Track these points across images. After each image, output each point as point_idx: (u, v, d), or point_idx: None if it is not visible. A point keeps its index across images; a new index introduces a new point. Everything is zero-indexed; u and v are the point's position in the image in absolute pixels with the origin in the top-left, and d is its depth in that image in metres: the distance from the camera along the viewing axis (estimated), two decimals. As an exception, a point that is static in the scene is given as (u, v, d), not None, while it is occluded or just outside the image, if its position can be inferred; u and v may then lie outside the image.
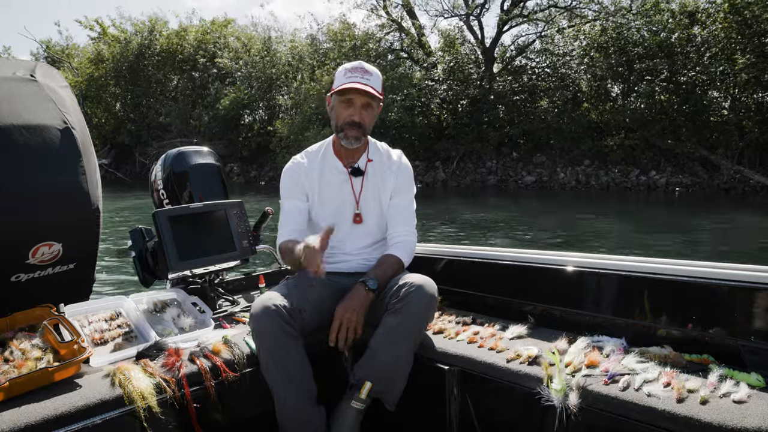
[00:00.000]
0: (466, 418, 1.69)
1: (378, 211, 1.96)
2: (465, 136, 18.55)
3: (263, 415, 1.67)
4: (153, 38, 25.31)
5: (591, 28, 18.15)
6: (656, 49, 16.10)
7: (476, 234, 9.79)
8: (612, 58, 17.04)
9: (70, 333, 1.54)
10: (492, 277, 2.05)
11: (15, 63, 1.92)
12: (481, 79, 19.22)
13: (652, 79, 16.62)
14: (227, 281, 2.42)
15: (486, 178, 18.40)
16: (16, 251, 1.67)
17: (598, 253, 1.84)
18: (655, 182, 16.28)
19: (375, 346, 1.67)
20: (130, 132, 25.38)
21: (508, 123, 18.63)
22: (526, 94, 19.03)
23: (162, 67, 25.20)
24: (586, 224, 10.71)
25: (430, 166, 19.15)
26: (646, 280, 1.63)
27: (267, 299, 1.64)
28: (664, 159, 16.59)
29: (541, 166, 18.01)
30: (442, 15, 21.27)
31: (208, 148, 2.46)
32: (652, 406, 1.26)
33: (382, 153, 2.01)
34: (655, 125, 16.15)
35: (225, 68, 23.21)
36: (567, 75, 18.23)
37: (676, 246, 8.37)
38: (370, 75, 1.86)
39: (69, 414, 1.30)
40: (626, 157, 16.79)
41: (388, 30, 21.01)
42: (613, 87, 17.80)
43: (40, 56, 31.32)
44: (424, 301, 1.67)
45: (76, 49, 30.41)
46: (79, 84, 26.19)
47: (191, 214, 2.01)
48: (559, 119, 17.69)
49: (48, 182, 1.71)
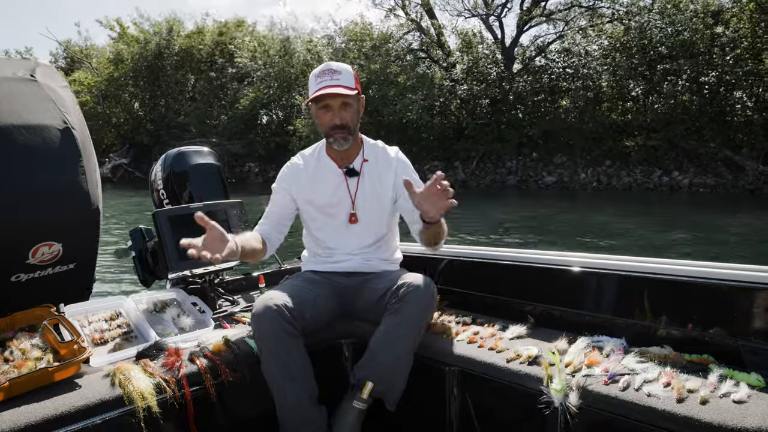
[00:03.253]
0: (466, 418, 1.69)
1: (377, 210, 1.95)
2: (485, 136, 18.36)
3: (263, 415, 1.67)
4: (171, 38, 25.53)
5: (613, 28, 17.88)
6: (679, 49, 15.78)
7: (498, 234, 9.61)
8: (634, 58, 16.73)
9: (70, 333, 1.54)
10: (492, 277, 2.05)
11: (15, 63, 1.92)
12: (500, 79, 19.02)
13: (675, 79, 16.30)
14: (227, 281, 2.42)
15: (506, 178, 18.19)
16: (16, 251, 1.67)
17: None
18: (678, 183, 15.92)
19: (375, 346, 1.67)
20: (148, 132, 25.49)
21: (527, 123, 18.43)
22: (546, 94, 18.80)
23: (180, 68, 25.37)
24: (610, 225, 10.48)
25: (449, 166, 18.92)
26: (646, 280, 1.63)
27: (268, 299, 1.64)
28: (687, 159, 16.20)
29: (562, 166, 17.75)
30: (462, 15, 21.02)
31: (208, 149, 2.47)
32: (652, 406, 1.26)
33: (378, 152, 1.99)
34: (677, 125, 15.78)
35: (244, 68, 23.27)
36: (588, 75, 17.96)
37: (702, 247, 8.15)
38: (340, 73, 1.82)
39: (69, 414, 1.31)
40: (648, 157, 16.45)
41: (407, 30, 20.86)
42: (635, 87, 17.48)
43: (60, 56, 32.20)
44: (423, 302, 1.67)
45: (94, 49, 30.86)
46: (99, 84, 26.54)
47: (191, 214, 2.01)
48: (580, 119, 17.43)
49: (48, 182, 1.71)
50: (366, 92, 18.11)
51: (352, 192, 1.94)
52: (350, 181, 1.94)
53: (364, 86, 18.32)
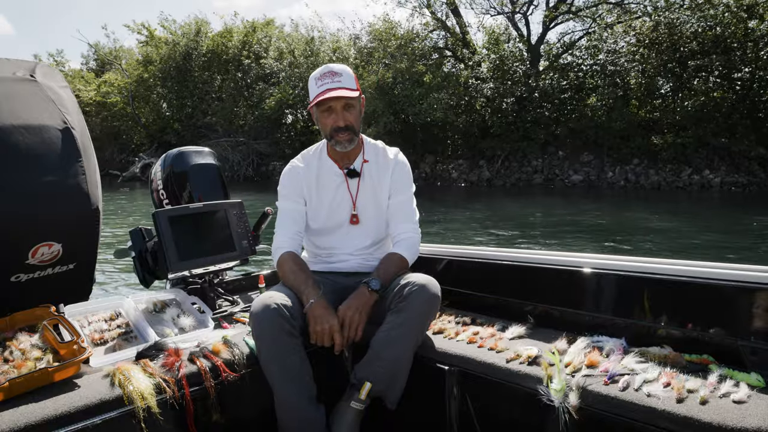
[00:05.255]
0: (466, 418, 1.69)
1: (376, 211, 1.96)
2: (510, 134, 18.19)
3: (263, 415, 1.67)
4: (199, 40, 25.85)
5: (642, 24, 17.46)
6: (711, 45, 15.40)
7: (521, 234, 9.44)
8: (664, 54, 16.33)
9: (70, 333, 1.54)
10: (492, 277, 2.05)
11: (15, 63, 1.92)
12: (526, 77, 18.78)
13: (706, 75, 15.90)
14: (227, 281, 2.42)
15: (532, 176, 18.00)
16: (16, 251, 1.67)
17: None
18: (709, 181, 15.57)
19: (377, 344, 1.67)
20: (176, 131, 25.95)
21: (554, 121, 18.20)
22: (572, 92, 18.50)
23: (207, 68, 25.66)
24: (641, 224, 10.20)
25: (474, 164, 18.85)
26: (646, 280, 1.63)
27: (267, 298, 1.64)
28: (718, 157, 15.80)
29: (589, 165, 17.52)
30: (488, 12, 20.82)
31: (208, 149, 2.47)
32: (652, 406, 1.26)
33: (378, 152, 2.00)
34: (708, 123, 15.39)
35: (269, 68, 23.44)
36: (616, 72, 17.57)
37: (737, 249, 7.91)
38: (341, 75, 1.83)
39: (69, 414, 1.31)
40: (678, 155, 16.09)
41: (432, 28, 20.67)
42: (665, 84, 17.13)
43: (91, 58, 33.40)
44: (427, 300, 1.67)
45: (123, 51, 31.53)
46: (128, 85, 26.99)
47: (191, 215, 2.01)
48: (607, 117, 17.09)
49: (48, 182, 1.71)
50: (391, 92, 16.84)
51: (353, 193, 1.94)
52: (351, 182, 1.94)
53: (389, 86, 18.30)
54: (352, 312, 1.68)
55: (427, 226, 10.38)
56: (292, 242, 1.91)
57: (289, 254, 1.86)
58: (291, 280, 1.78)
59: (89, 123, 23.57)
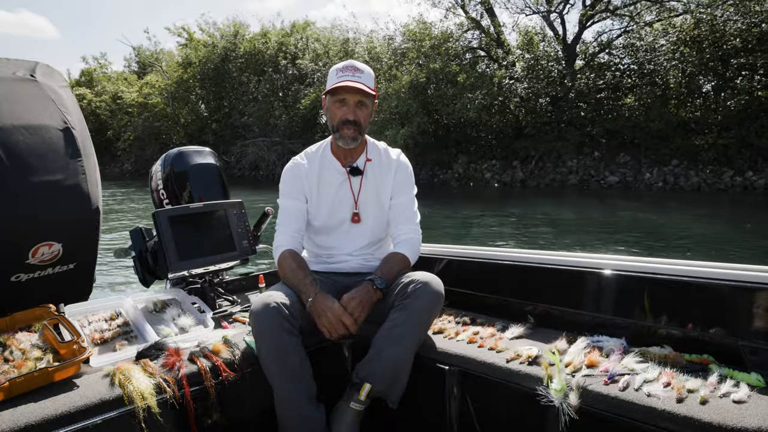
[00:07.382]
0: (466, 418, 1.69)
1: (378, 210, 1.95)
2: (544, 134, 17.77)
3: (263, 415, 1.67)
4: (237, 41, 26.20)
5: (683, 21, 16.99)
6: (756, 42, 14.84)
7: (555, 235, 9.26)
8: (705, 53, 15.78)
9: (70, 333, 1.54)
10: (492, 277, 2.05)
11: (15, 63, 1.92)
12: (561, 77, 18.47)
13: (750, 74, 15.27)
14: (227, 281, 2.42)
15: (566, 177, 17.58)
16: (16, 251, 1.67)
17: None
18: (753, 183, 15.02)
19: (379, 343, 1.66)
20: (214, 132, 26.43)
21: (589, 121, 17.74)
22: (609, 92, 18.04)
23: (245, 69, 25.98)
24: (682, 227, 9.92)
25: (507, 165, 18.54)
26: (646, 280, 1.63)
27: (267, 297, 1.64)
28: (762, 159, 15.26)
29: (625, 166, 17.05)
30: (523, 12, 20.43)
31: (208, 149, 2.46)
32: (652, 406, 1.26)
33: (381, 152, 1.99)
34: (752, 123, 14.81)
35: (305, 69, 23.58)
36: (655, 71, 17.07)
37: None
38: (362, 73, 1.84)
39: (69, 414, 1.31)
40: (719, 156, 15.53)
41: (466, 28, 20.41)
42: (706, 83, 16.54)
43: (133, 60, 34.60)
44: (431, 298, 1.67)
45: (164, 53, 32.29)
46: (168, 86, 27.45)
47: (191, 214, 2.01)
48: (645, 117, 16.59)
49: (48, 182, 1.71)
50: (424, 92, 16.75)
51: (355, 191, 1.94)
52: (353, 180, 1.94)
53: (422, 86, 18.20)
54: (355, 303, 1.67)
55: (458, 228, 10.15)
56: (293, 240, 1.90)
57: (289, 252, 1.86)
58: (290, 278, 1.78)
59: (132, 123, 22.92)
